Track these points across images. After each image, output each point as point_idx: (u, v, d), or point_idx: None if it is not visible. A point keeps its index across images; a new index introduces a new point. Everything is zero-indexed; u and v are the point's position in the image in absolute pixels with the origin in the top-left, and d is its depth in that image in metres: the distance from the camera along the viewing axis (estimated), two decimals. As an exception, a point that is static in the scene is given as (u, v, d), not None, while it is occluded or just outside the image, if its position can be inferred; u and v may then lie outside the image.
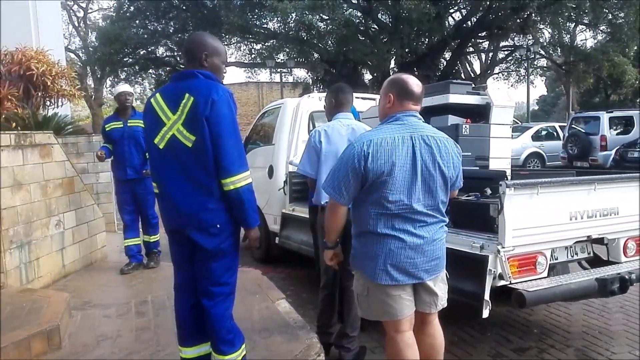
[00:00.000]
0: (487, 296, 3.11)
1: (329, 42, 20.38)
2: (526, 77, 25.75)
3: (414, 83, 2.56)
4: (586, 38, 37.00)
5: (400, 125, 2.48)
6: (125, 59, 23.88)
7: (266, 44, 22.18)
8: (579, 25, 25.15)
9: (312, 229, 3.81)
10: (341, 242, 2.84)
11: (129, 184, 5.37)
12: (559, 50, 26.27)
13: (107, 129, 5.41)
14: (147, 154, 4.46)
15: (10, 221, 4.33)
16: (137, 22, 23.01)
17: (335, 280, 3.52)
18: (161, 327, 3.83)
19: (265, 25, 21.76)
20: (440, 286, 2.61)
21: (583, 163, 14.14)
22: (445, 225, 2.58)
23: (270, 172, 5.95)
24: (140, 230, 5.66)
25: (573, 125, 15.43)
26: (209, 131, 2.45)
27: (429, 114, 5.17)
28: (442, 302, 2.63)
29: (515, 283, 3.19)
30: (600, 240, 3.72)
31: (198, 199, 2.53)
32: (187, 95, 2.49)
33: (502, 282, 3.17)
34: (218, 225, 2.56)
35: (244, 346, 2.75)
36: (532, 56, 24.35)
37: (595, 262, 3.88)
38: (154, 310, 4.21)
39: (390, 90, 2.57)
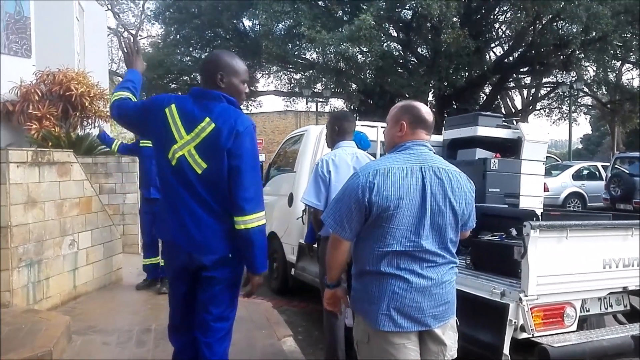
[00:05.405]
0: (506, 349, 2.82)
1: (367, 73, 20.37)
2: (569, 115, 25.06)
3: (426, 111, 2.37)
4: (633, 77, 35.80)
5: (410, 155, 2.27)
6: (169, 85, 24.54)
7: (305, 73, 22.39)
8: (625, 64, 24.41)
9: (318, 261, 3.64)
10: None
11: (151, 204, 5.37)
12: (604, 89, 25.49)
13: (141, 145, 5.54)
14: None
15: (20, 239, 4.29)
16: (182, 49, 23.71)
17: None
18: (159, 358, 3.64)
19: (304, 56, 22.00)
20: (449, 334, 2.33)
21: (626, 205, 13.45)
22: (456, 266, 2.34)
23: (290, 200, 5.78)
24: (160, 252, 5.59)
25: (616, 166, 14.79)
26: (229, 164, 2.31)
27: (456, 146, 4.95)
28: (452, 352, 2.35)
29: (539, 336, 2.88)
30: (638, 292, 3.36)
31: (209, 226, 2.37)
32: (207, 119, 2.34)
33: (524, 335, 2.86)
34: (230, 255, 2.40)
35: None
36: (576, 93, 23.71)
37: (634, 316, 3.51)
38: (155, 340, 4.03)
39: (402, 117, 2.36)
